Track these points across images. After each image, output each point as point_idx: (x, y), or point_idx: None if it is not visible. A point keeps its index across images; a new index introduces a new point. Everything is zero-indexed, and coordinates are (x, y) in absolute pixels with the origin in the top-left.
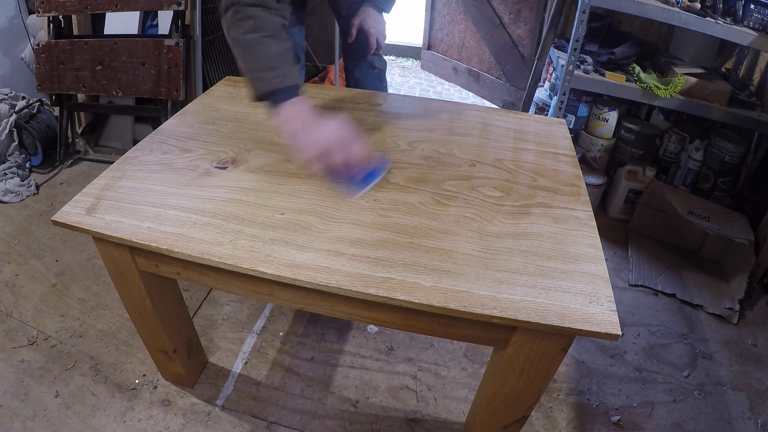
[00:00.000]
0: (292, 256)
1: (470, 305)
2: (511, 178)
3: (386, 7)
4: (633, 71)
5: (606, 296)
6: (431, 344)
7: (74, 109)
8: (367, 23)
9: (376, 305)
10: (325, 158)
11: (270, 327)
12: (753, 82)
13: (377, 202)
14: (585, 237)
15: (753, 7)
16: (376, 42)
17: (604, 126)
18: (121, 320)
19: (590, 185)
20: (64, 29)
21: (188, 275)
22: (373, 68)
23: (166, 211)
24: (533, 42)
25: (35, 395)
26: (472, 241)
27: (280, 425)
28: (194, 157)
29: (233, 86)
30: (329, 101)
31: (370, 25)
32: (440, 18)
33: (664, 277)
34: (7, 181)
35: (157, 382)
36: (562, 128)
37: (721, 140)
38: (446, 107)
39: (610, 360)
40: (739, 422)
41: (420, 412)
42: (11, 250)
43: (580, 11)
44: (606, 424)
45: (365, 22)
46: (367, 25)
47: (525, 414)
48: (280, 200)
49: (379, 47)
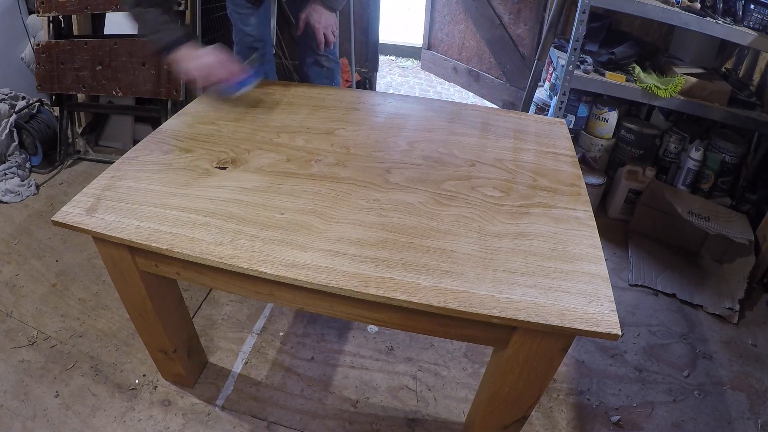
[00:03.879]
0: (292, 256)
1: (470, 305)
2: (511, 178)
3: (333, 4)
4: (633, 71)
5: (606, 296)
6: (431, 344)
7: (74, 109)
8: (312, 18)
9: (376, 305)
10: (207, 75)
11: (270, 327)
12: (753, 82)
13: (377, 202)
14: (585, 237)
15: (753, 7)
16: (324, 38)
17: (604, 126)
18: (121, 320)
19: (590, 185)
20: (64, 29)
21: (188, 275)
22: (322, 67)
23: (166, 211)
24: (533, 42)
25: (35, 395)
26: (472, 241)
27: (280, 425)
28: (194, 157)
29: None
30: (328, 101)
31: (315, 20)
32: (440, 18)
33: (664, 277)
34: (7, 181)
35: (157, 382)
36: (562, 128)
37: (721, 140)
38: (446, 107)
39: (610, 360)
40: (739, 422)
41: (420, 412)
42: (11, 250)
43: (580, 11)
44: (606, 424)
45: (311, 16)
46: (313, 20)
47: (525, 414)
48: (280, 200)
49: (328, 42)
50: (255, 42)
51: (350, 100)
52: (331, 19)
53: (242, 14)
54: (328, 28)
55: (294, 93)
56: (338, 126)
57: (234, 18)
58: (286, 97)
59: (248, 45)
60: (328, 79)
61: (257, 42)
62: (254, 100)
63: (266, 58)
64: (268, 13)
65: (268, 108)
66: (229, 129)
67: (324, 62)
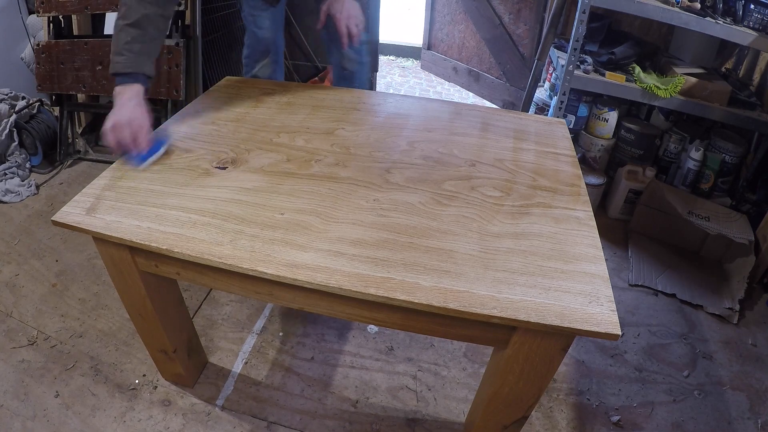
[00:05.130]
0: (292, 256)
1: (470, 305)
2: (511, 178)
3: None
4: (633, 71)
5: (606, 296)
6: (431, 344)
7: (74, 109)
8: (333, 7)
9: (376, 305)
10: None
11: (270, 327)
12: (753, 82)
13: (377, 202)
14: (585, 237)
15: (753, 7)
16: (348, 30)
17: (604, 126)
18: (121, 320)
19: (590, 185)
20: (64, 29)
21: (188, 275)
22: (343, 68)
23: (166, 211)
24: (533, 42)
25: (35, 395)
26: (472, 241)
27: (280, 425)
28: (194, 157)
29: (233, 86)
30: (328, 101)
31: (336, 10)
32: (440, 18)
33: (664, 277)
34: (7, 181)
35: (157, 382)
36: (562, 128)
37: (721, 140)
38: (446, 107)
39: (610, 360)
40: (739, 422)
41: (420, 412)
42: (11, 250)
43: (580, 11)
44: (606, 424)
45: (332, 6)
46: (334, 10)
47: (525, 414)
48: (280, 200)
49: (352, 37)
50: (268, 46)
51: (350, 100)
52: (354, 9)
53: (257, 16)
54: (351, 19)
55: (294, 93)
56: (338, 126)
57: (248, 21)
58: (286, 97)
59: (261, 49)
60: (349, 82)
61: (270, 46)
62: (254, 100)
63: (277, 64)
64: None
65: (268, 108)
66: (229, 129)
67: (346, 63)
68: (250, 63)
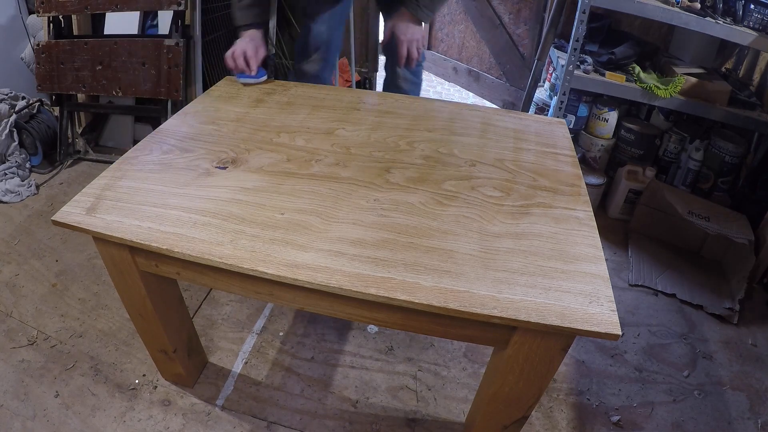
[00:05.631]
0: (293, 256)
1: (470, 305)
2: (511, 178)
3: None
4: (633, 71)
5: (606, 296)
6: (431, 344)
7: (74, 109)
8: (398, 28)
9: (377, 305)
10: (234, 56)
11: (270, 327)
12: (753, 82)
13: (377, 202)
14: (585, 237)
15: (753, 7)
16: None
17: (604, 126)
18: (121, 320)
19: (590, 185)
20: (64, 29)
21: (188, 275)
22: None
23: (166, 211)
24: (533, 42)
25: (35, 395)
26: (472, 241)
27: (280, 425)
28: (194, 157)
29: (233, 86)
30: (328, 101)
31: (401, 31)
32: (440, 18)
33: (664, 277)
34: (7, 181)
35: (157, 382)
36: (562, 128)
37: (721, 140)
38: (446, 107)
39: (610, 360)
40: (739, 422)
41: (420, 412)
42: (11, 250)
43: (580, 11)
44: (606, 424)
45: (397, 27)
46: (399, 31)
47: (525, 414)
48: (280, 200)
49: (411, 59)
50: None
51: (350, 100)
52: (418, 33)
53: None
54: (413, 42)
55: (294, 93)
56: (338, 126)
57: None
58: (286, 97)
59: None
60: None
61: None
62: (254, 100)
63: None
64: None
65: (268, 108)
66: (229, 129)
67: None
68: (299, 58)
